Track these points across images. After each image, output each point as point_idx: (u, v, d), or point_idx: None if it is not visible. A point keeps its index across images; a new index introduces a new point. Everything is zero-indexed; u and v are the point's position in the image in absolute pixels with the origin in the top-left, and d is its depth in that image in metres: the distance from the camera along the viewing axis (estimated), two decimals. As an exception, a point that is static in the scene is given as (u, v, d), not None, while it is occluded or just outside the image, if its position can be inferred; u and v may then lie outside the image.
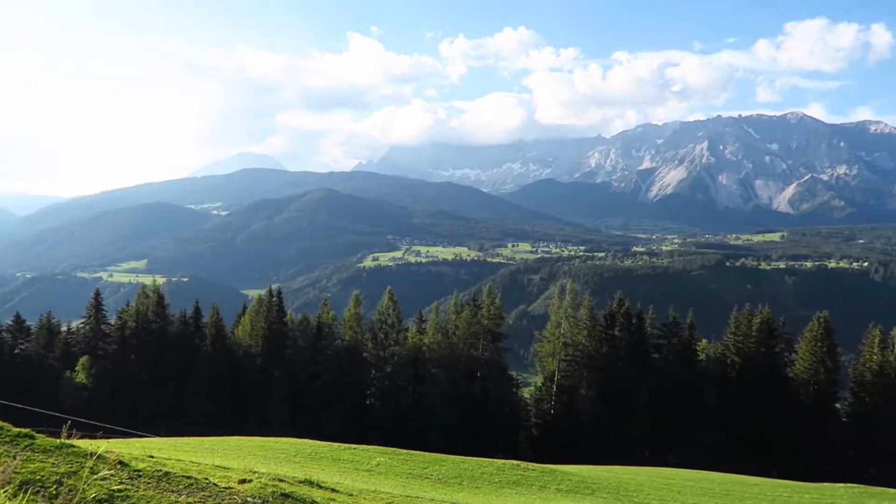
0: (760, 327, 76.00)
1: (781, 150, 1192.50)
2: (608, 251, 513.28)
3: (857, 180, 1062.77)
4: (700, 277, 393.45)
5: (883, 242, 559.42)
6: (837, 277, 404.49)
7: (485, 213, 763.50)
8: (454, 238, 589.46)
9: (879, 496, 40.29)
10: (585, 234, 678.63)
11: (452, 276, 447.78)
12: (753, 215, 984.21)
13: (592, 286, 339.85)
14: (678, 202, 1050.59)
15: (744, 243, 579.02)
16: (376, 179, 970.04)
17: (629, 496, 33.19)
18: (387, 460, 34.26)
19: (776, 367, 75.56)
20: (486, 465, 35.80)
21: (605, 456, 62.94)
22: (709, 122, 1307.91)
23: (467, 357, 70.80)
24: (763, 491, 39.42)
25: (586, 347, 72.93)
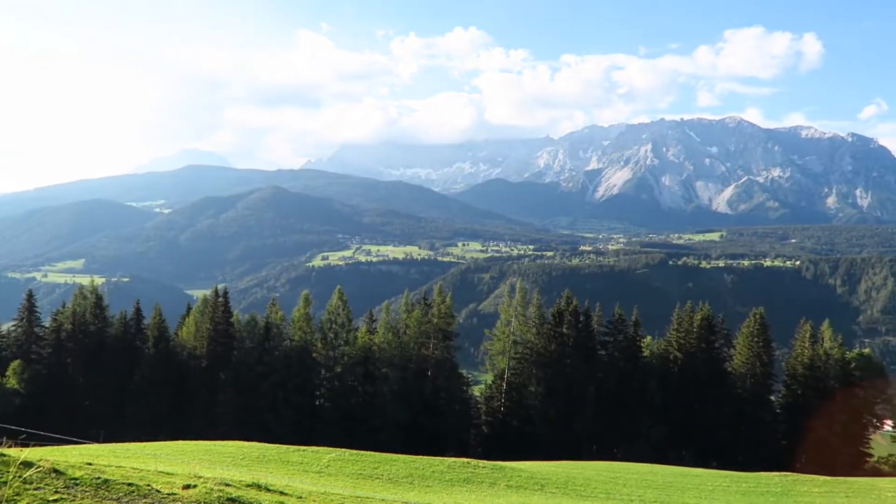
0: (701, 324, 78.74)
1: (720, 153, 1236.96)
2: (556, 250, 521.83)
3: (790, 183, 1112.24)
4: (644, 275, 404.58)
5: (813, 242, 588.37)
6: (772, 275, 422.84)
7: (435, 213, 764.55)
8: (405, 237, 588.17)
9: (809, 483, 42.34)
10: (534, 234, 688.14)
11: (403, 275, 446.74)
12: (694, 215, 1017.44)
13: (541, 285, 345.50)
14: (624, 202, 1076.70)
15: (686, 242, 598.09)
16: (326, 178, 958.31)
17: (577, 490, 33.89)
18: (337, 461, 33.96)
19: (716, 361, 78.45)
20: (437, 463, 35.92)
21: (554, 451, 64.06)
22: (653, 125, 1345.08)
23: (418, 356, 70.80)
24: (703, 482, 40.87)
25: (535, 345, 74.00)
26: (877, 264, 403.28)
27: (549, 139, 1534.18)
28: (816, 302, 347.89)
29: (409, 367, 69.73)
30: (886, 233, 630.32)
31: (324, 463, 33.30)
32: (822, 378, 77.84)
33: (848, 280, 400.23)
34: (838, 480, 45.79)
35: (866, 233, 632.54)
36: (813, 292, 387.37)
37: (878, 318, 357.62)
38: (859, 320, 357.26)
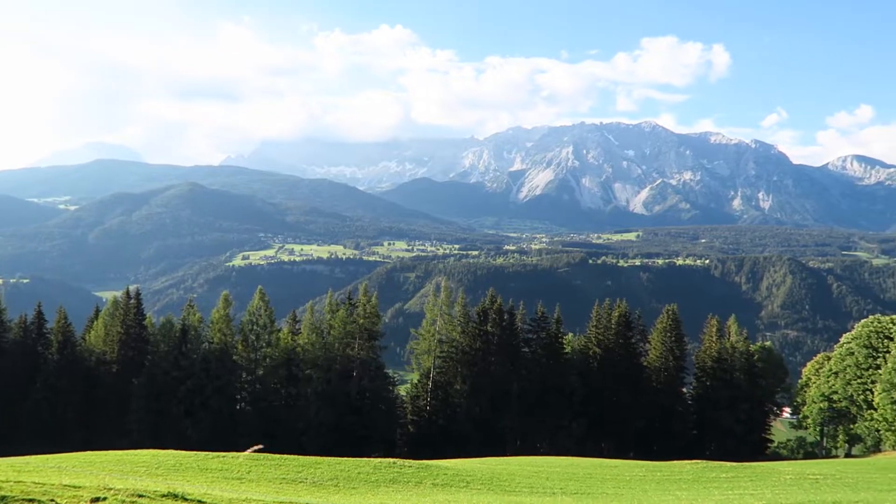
0: (619, 320, 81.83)
1: (637, 156, 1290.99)
2: (481, 249, 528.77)
3: (701, 185, 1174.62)
4: (566, 274, 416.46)
5: (721, 242, 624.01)
6: (684, 273, 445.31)
7: (361, 211, 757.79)
8: (329, 236, 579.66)
9: (718, 469, 44.84)
10: (460, 233, 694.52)
11: (328, 274, 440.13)
12: (613, 216, 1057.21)
13: (466, 284, 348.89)
14: (546, 203, 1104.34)
15: (604, 242, 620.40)
16: (247, 174, 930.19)
17: (501, 485, 34.45)
18: (259, 466, 33.02)
19: (632, 356, 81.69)
20: (363, 464, 35.60)
21: (480, 448, 64.92)
22: (574, 128, 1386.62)
23: (343, 357, 69.90)
24: (621, 472, 42.49)
25: (461, 343, 74.64)
26: (777, 263, 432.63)
27: (475, 140, 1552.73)
28: (724, 298, 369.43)
29: (334, 368, 68.75)
30: (785, 233, 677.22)
31: (245, 469, 32.30)
32: (728, 370, 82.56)
33: (751, 277, 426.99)
34: (743, 466, 48.73)
35: (768, 233, 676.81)
36: (721, 289, 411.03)
37: (778, 313, 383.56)
38: (761, 315, 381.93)
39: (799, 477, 41.31)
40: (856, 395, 79.18)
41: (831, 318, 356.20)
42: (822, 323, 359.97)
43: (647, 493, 33.76)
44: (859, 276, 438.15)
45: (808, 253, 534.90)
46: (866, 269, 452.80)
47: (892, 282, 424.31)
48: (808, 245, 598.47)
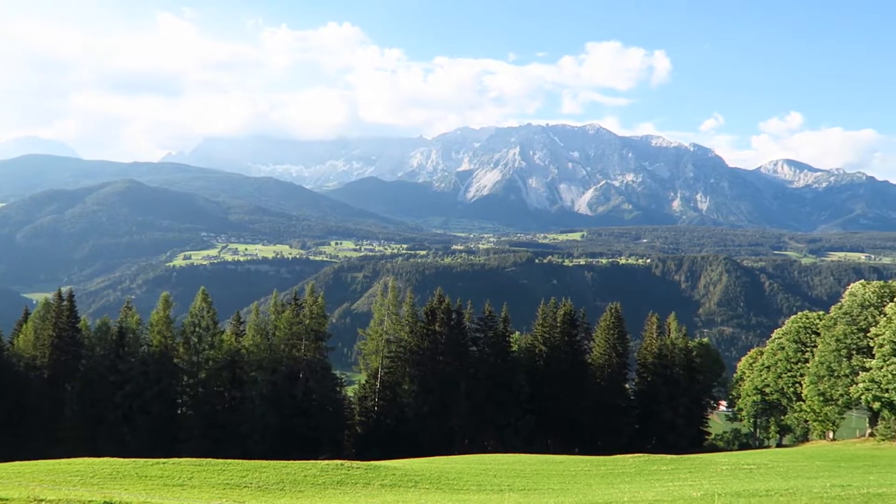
0: (564, 318, 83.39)
1: (581, 158, 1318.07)
2: (429, 249, 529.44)
3: (642, 187, 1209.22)
4: (513, 273, 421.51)
5: (661, 241, 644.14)
6: (627, 272, 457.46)
7: (307, 211, 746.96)
8: (275, 235, 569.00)
9: (659, 462, 46.27)
10: (408, 233, 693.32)
11: (273, 274, 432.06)
12: (558, 216, 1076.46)
13: (415, 283, 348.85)
14: (494, 203, 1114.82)
15: (550, 242, 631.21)
16: (188, 172, 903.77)
17: (450, 484, 34.58)
18: (202, 472, 32.13)
19: (577, 354, 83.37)
20: (310, 467, 35.11)
21: (428, 448, 64.97)
22: (521, 129, 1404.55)
23: (289, 358, 68.73)
24: (567, 468, 43.31)
25: (409, 343, 74.55)
26: (713, 262, 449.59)
27: (423, 139, 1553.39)
28: (664, 296, 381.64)
29: (280, 370, 67.55)
30: (721, 233, 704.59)
31: (187, 475, 31.38)
32: (668, 366, 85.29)
33: (690, 276, 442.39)
34: (683, 458, 50.45)
35: (705, 233, 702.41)
36: (661, 287, 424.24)
37: (715, 310, 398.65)
38: (699, 312, 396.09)
39: (734, 467, 43.04)
40: (786, 388, 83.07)
41: (764, 315, 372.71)
42: (756, 319, 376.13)
43: (592, 488, 34.53)
44: (789, 275, 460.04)
45: (742, 252, 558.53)
46: (796, 268, 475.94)
47: (819, 280, 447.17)
48: (742, 245, 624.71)
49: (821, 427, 77.84)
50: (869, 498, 23.69)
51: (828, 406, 72.56)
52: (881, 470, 40.58)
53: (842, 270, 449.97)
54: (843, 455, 54.74)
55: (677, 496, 26.80)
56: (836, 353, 71.00)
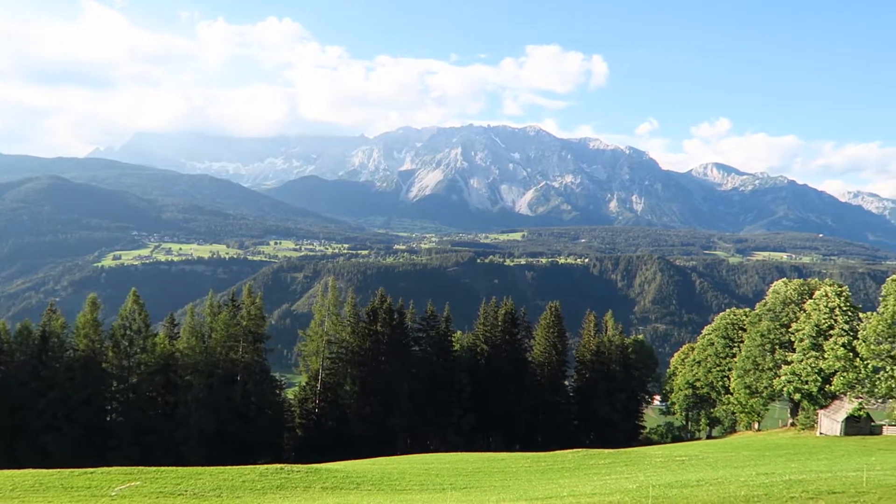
0: (505, 318, 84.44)
1: (522, 159, 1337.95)
2: (371, 249, 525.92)
3: (581, 188, 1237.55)
4: (455, 273, 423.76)
5: (599, 241, 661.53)
6: (566, 271, 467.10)
7: (245, 209, 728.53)
8: (211, 235, 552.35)
9: (597, 456, 47.49)
10: (349, 232, 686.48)
11: (209, 275, 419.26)
12: (500, 216, 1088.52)
13: (356, 283, 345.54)
14: (435, 203, 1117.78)
15: (492, 242, 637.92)
16: (118, 168, 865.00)
17: (392, 485, 34.44)
18: (133, 481, 30.86)
19: (518, 352, 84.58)
20: (248, 472, 34.27)
21: (371, 449, 64.55)
22: (462, 130, 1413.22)
23: (226, 361, 66.87)
24: (508, 465, 43.85)
25: (350, 344, 73.84)
26: (648, 261, 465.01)
27: (365, 138, 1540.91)
28: (602, 294, 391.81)
29: (216, 373, 65.61)
30: (656, 234, 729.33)
31: (117, 486, 30.07)
32: (606, 363, 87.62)
33: (626, 275, 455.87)
34: (619, 452, 51.93)
35: (640, 234, 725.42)
36: (599, 286, 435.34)
37: (649, 308, 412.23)
38: (635, 310, 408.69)
39: (667, 459, 44.61)
40: (715, 382, 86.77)
41: (695, 312, 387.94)
42: (687, 316, 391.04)
43: (533, 483, 35.07)
44: (718, 273, 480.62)
45: (675, 252, 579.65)
46: (724, 267, 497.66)
47: (745, 278, 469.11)
48: (675, 245, 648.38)
49: (747, 418, 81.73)
50: (790, 484, 24.98)
51: (753, 398, 76.22)
52: (801, 457, 42.93)
53: (766, 269, 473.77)
54: (767, 444, 57.61)
55: (614, 489, 27.54)
56: (761, 347, 74.66)
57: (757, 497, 21.58)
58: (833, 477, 27.18)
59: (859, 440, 56.92)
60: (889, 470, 30.14)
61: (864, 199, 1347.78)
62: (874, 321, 57.66)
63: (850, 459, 39.33)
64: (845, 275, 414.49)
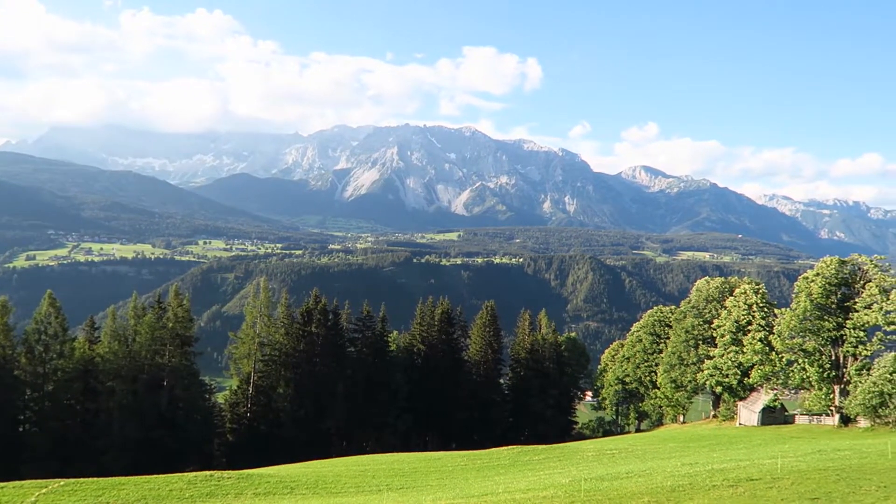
0: (441, 317, 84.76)
1: (458, 160, 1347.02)
2: (306, 249, 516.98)
3: (515, 189, 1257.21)
4: (391, 273, 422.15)
5: (533, 241, 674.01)
6: (501, 271, 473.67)
7: (172, 208, 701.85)
8: (135, 234, 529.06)
9: (531, 453, 48.31)
10: (283, 232, 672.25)
11: (133, 276, 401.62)
12: (436, 216, 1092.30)
13: (290, 284, 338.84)
14: (371, 202, 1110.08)
15: (428, 241, 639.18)
16: (31, 163, 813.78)
17: (327, 488, 33.91)
18: (49, 495, 29.10)
19: (454, 351, 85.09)
20: (175, 480, 32.96)
21: (305, 452, 63.36)
22: (399, 129, 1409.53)
23: (151, 365, 64.09)
24: (445, 464, 43.99)
25: (284, 346, 72.29)
26: (580, 261, 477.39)
27: (299, 136, 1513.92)
28: (536, 293, 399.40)
29: (141, 379, 62.81)
30: (587, 234, 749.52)
31: (30, 501, 28.27)
32: (540, 360, 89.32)
33: (559, 274, 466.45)
34: (553, 447, 53.01)
35: (573, 234, 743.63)
36: (533, 285, 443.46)
37: (581, 306, 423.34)
38: (568, 308, 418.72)
39: (599, 453, 45.88)
40: (643, 377, 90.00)
41: (625, 310, 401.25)
42: (618, 314, 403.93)
43: (469, 481, 35.30)
44: (646, 272, 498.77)
45: (605, 252, 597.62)
46: (651, 266, 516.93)
47: (671, 277, 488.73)
48: (605, 245, 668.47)
49: (673, 411, 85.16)
50: (713, 473, 26.15)
51: (679, 392, 79.53)
52: (723, 447, 45.04)
53: (690, 268, 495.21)
54: (691, 436, 60.15)
55: (548, 484, 28.06)
56: (686, 343, 77.99)
57: (682, 487, 22.45)
58: (751, 465, 28.62)
59: (774, 429, 60.29)
60: (800, 456, 32.02)
61: (779, 202, 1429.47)
62: (787, 317, 61.18)
63: (767, 448, 41.56)
64: (762, 273, 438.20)
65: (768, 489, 20.65)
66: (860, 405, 52.63)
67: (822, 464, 26.93)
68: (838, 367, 59.71)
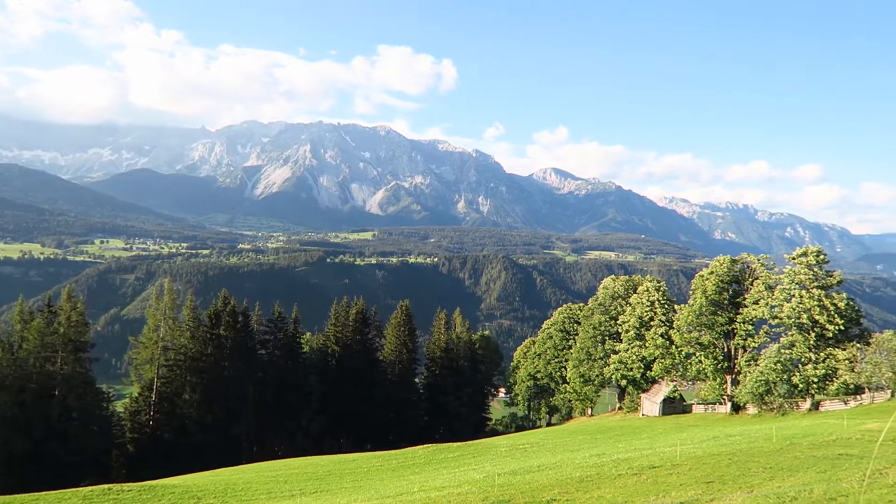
0: (356, 317, 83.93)
1: (373, 159, 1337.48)
2: (213, 248, 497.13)
3: (430, 189, 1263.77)
4: (304, 273, 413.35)
5: (448, 241, 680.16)
6: (416, 270, 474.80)
7: (65, 204, 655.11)
8: (22, 232, 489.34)
9: (446, 450, 48.71)
10: (189, 231, 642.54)
11: (19, 278, 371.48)
12: (351, 215, 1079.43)
13: (196, 285, 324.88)
14: (284, 201, 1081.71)
15: (342, 241, 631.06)
16: None
17: (237, 496, 32.73)
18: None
19: (369, 351, 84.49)
20: (69, 496, 30.77)
21: (214, 459, 60.87)
22: (312, 126, 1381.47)
23: (41, 373, 59.50)
24: (360, 465, 43.55)
25: (189, 350, 69.17)
26: (493, 260, 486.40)
27: (206, 130, 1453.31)
28: (451, 293, 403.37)
29: (29, 388, 58.17)
30: (501, 234, 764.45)
31: None
32: (454, 359, 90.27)
33: (473, 273, 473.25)
34: (468, 444, 53.67)
35: (486, 234, 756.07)
36: (448, 284, 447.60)
37: (495, 305, 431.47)
38: (482, 307, 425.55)
39: (512, 448, 46.90)
40: (554, 373, 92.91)
41: (536, 308, 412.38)
42: (530, 312, 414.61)
43: (384, 482, 35.11)
44: (556, 271, 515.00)
45: (518, 251, 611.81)
46: (561, 265, 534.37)
47: (580, 275, 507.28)
48: (518, 244, 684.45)
49: (581, 405, 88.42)
50: (618, 463, 27.34)
51: (587, 386, 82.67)
52: (627, 438, 47.21)
53: (597, 267, 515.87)
54: (599, 428, 62.67)
55: (463, 480, 28.37)
56: (593, 339, 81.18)
57: (590, 477, 23.32)
58: (653, 453, 30.16)
59: (674, 418, 63.87)
60: (697, 443, 34.07)
61: (678, 204, 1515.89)
62: (685, 312, 65.00)
63: (667, 436, 43.95)
64: (662, 272, 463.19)
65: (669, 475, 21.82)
66: (749, 393, 56.71)
67: (716, 449, 28.78)
68: (730, 358, 64.07)
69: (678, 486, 19.62)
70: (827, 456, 22.74)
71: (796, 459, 22.70)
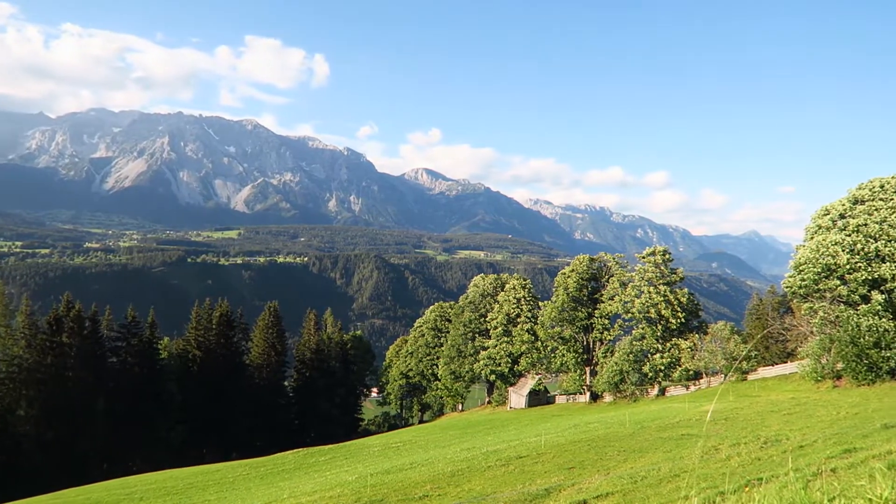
0: (220, 320, 79.83)
1: (238, 154, 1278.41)
2: (54, 247, 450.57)
3: (300, 186, 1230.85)
4: (162, 274, 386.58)
5: (319, 240, 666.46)
6: (285, 270, 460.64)
7: None
8: None
9: (317, 454, 47.70)
10: (23, 228, 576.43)
11: None
12: (214, 213, 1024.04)
13: (34, 288, 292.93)
14: (138, 196, 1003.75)
15: (205, 240, 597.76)
16: None
17: (83, 519, 29.93)
18: None
19: (235, 355, 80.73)
20: None
21: (55, 480, 55.16)
22: (171, 117, 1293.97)
23: None
24: (225, 475, 41.46)
25: (25, 360, 62.21)
26: (366, 259, 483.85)
27: (45, 117, 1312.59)
28: (322, 293, 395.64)
29: None
30: (372, 233, 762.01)
31: None
32: (325, 360, 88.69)
33: (345, 273, 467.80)
34: (340, 446, 52.97)
35: (358, 233, 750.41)
36: (319, 284, 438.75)
37: (367, 304, 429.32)
38: (354, 307, 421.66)
39: (385, 447, 46.91)
40: (426, 370, 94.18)
41: (408, 307, 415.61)
42: (402, 311, 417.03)
43: (252, 491, 33.69)
44: (428, 270, 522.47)
45: (390, 251, 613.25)
46: (433, 264, 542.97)
47: (451, 274, 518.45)
48: (390, 244, 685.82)
49: (452, 401, 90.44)
50: (487, 455, 28.26)
51: (457, 382, 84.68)
52: (496, 430, 48.94)
53: (467, 266, 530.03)
54: (469, 422, 64.40)
55: (334, 483, 27.92)
56: (464, 336, 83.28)
57: (461, 471, 23.89)
58: (520, 444, 31.50)
59: (539, 410, 67.13)
60: (560, 432, 36.06)
61: (542, 206, 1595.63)
62: (549, 309, 68.57)
63: (533, 427, 46.10)
64: (528, 270, 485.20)
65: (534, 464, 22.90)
66: (605, 383, 60.97)
67: (576, 437, 30.63)
68: (589, 351, 68.49)
69: (543, 474, 20.63)
70: (672, 437, 25.01)
71: (646, 441, 24.75)
